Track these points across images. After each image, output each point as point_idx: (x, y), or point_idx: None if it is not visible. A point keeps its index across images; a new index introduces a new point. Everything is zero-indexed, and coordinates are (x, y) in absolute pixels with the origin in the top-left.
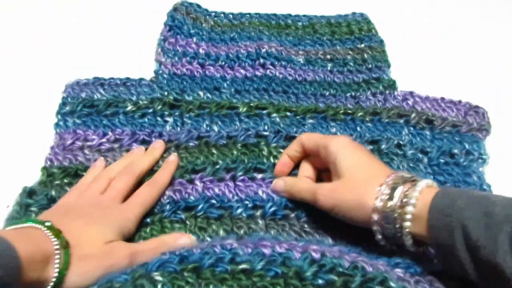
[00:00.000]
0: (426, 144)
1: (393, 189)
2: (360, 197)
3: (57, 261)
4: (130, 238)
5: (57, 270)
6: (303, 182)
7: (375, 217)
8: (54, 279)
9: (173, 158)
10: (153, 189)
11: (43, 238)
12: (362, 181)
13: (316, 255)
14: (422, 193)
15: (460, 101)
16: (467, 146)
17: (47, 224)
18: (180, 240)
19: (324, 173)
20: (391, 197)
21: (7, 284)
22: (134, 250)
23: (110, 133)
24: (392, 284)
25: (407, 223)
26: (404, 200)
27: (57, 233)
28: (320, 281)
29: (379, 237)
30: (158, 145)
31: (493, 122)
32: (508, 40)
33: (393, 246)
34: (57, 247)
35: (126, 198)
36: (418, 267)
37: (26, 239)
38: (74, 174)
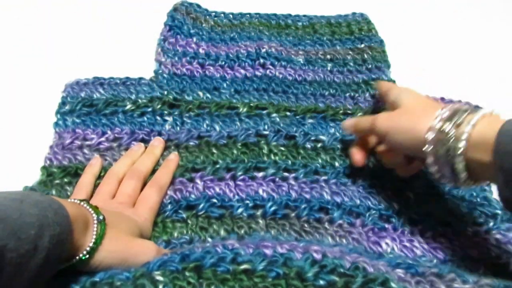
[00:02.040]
0: None
1: (454, 112)
2: (416, 119)
3: (94, 231)
4: None
5: (94, 238)
6: (364, 116)
7: (430, 135)
8: (88, 248)
9: (173, 157)
10: (158, 192)
11: (84, 208)
12: (421, 108)
13: (317, 256)
14: (485, 117)
15: (460, 101)
16: None
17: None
18: None
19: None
20: (450, 119)
21: (62, 242)
22: (159, 247)
23: (109, 132)
24: (393, 284)
25: (462, 143)
26: (463, 121)
27: (95, 208)
28: (321, 282)
29: (431, 159)
30: (157, 143)
31: None
32: (508, 40)
33: (444, 178)
34: (95, 217)
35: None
36: (418, 267)
37: (71, 204)
38: (74, 173)
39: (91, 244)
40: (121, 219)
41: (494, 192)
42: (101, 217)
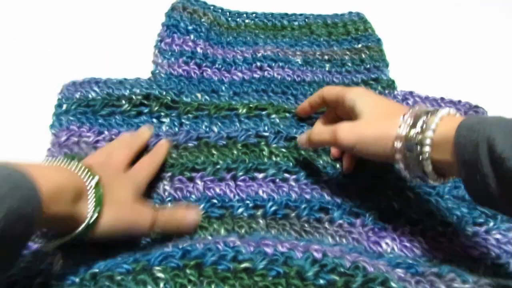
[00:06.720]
0: None
1: (416, 117)
2: (383, 128)
3: (91, 196)
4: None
5: (92, 206)
6: (321, 126)
7: (398, 144)
8: (89, 215)
9: (164, 141)
10: (153, 158)
11: (72, 173)
12: (383, 116)
13: (318, 255)
14: (444, 119)
15: (460, 101)
16: None
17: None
18: (187, 218)
19: None
20: (414, 125)
21: (25, 217)
22: (155, 216)
23: (106, 132)
24: (393, 284)
25: (427, 148)
26: (424, 126)
27: (88, 169)
28: (321, 281)
29: (401, 166)
30: (145, 129)
31: None
32: (508, 40)
33: (415, 179)
34: (88, 182)
35: None
36: (418, 267)
37: (52, 172)
38: None
39: (90, 211)
40: (117, 180)
41: None
42: (96, 179)
